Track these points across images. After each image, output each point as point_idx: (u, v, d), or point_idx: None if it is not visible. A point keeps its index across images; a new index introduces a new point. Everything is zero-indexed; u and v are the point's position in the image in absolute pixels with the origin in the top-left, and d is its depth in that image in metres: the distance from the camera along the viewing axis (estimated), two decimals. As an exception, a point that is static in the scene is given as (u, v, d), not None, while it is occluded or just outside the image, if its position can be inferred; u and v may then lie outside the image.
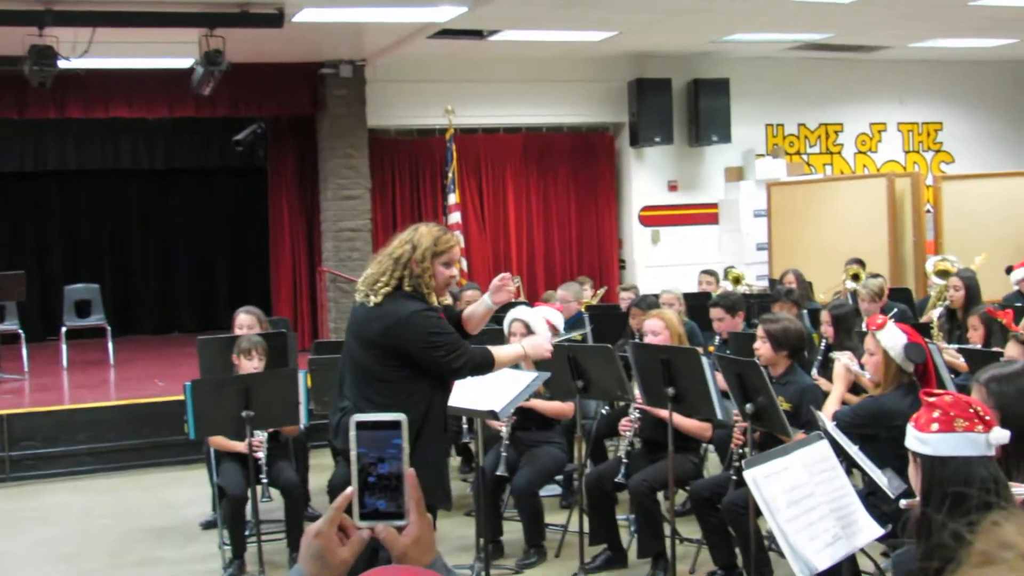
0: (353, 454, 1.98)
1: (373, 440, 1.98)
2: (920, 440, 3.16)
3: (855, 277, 10.94)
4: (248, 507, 6.83)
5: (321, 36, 12.28)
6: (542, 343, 5.62)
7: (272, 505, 7.23)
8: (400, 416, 1.99)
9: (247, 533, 7.01)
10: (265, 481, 6.88)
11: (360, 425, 1.99)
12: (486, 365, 5.26)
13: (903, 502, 3.40)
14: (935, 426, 3.13)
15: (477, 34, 13.01)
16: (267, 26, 10.75)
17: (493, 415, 5.95)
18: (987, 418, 3.16)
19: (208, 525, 8.10)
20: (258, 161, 15.24)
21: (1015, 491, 3.25)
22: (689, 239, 15.99)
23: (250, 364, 7.30)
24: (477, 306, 5.55)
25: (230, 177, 16.99)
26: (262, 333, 7.97)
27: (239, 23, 10.64)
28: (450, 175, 14.28)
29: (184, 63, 12.02)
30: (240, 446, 6.84)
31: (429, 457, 5.15)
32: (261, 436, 6.93)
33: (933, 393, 3.25)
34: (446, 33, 12.35)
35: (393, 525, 1.96)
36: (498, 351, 5.35)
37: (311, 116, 14.41)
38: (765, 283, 13.63)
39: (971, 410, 3.15)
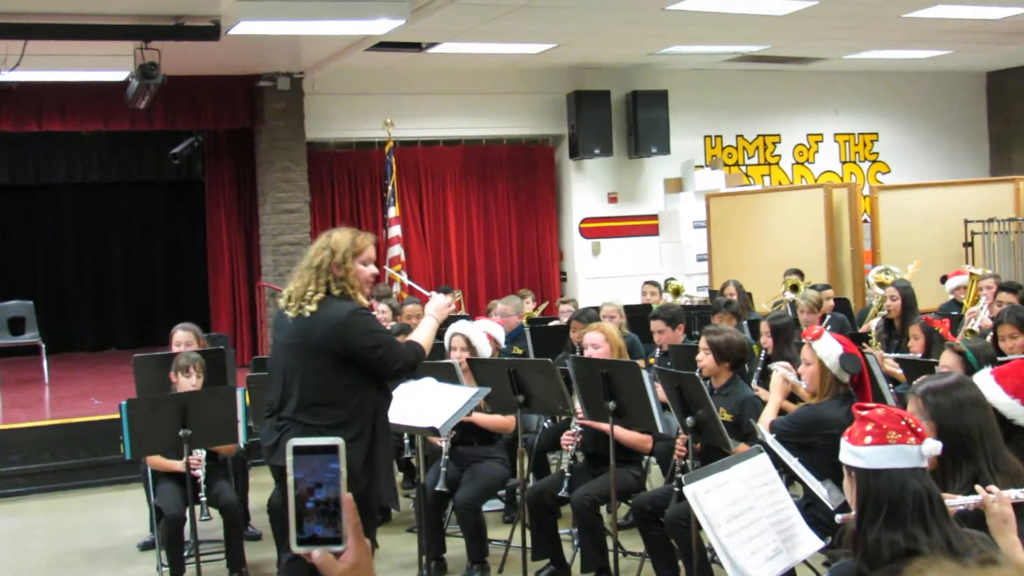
0: (290, 479, 1.95)
1: (310, 465, 1.96)
2: (854, 453, 3.17)
3: (794, 288, 11.02)
4: (186, 527, 6.75)
5: (258, 49, 12.18)
6: (441, 302, 5.75)
7: (211, 525, 7.14)
8: (337, 440, 1.98)
9: (185, 554, 6.93)
10: (204, 500, 6.80)
11: (297, 450, 1.96)
12: (420, 358, 5.37)
13: (838, 517, 3.41)
14: (868, 439, 3.15)
15: (416, 46, 12.99)
16: (203, 39, 10.64)
17: (434, 431, 5.91)
18: (919, 430, 3.18)
19: (146, 546, 7.98)
20: (195, 174, 15.12)
21: (949, 503, 3.28)
22: (630, 251, 16.04)
23: (188, 382, 7.22)
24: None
25: (167, 191, 16.82)
26: (200, 350, 7.88)
27: (174, 36, 10.52)
28: (390, 188, 14.23)
29: (119, 76, 11.88)
30: (178, 465, 6.77)
31: (382, 462, 5.25)
32: (199, 454, 6.86)
33: (865, 407, 3.27)
34: (385, 46, 12.30)
35: (331, 550, 1.95)
36: (420, 337, 5.48)
37: (249, 129, 14.29)
38: (706, 294, 13.69)
39: (903, 422, 3.17)
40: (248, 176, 14.54)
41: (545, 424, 8.13)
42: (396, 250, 14.18)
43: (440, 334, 7.77)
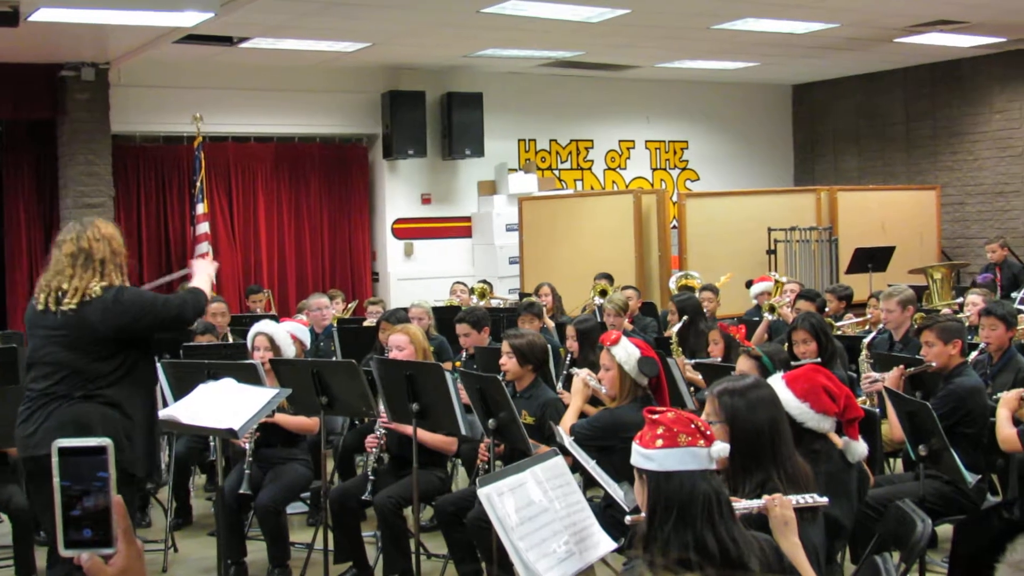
0: (56, 482, 1.87)
1: (77, 470, 1.88)
2: (645, 456, 3.21)
3: (602, 292, 11.16)
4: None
5: (61, 37, 11.77)
6: (206, 264, 6.07)
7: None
8: (105, 441, 1.90)
9: (-29, 560, 6.65)
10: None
11: (63, 451, 1.88)
12: (199, 299, 5.56)
13: (628, 518, 3.45)
14: (659, 442, 3.18)
15: (227, 40, 12.74)
16: (1, 25, 10.24)
17: (232, 433, 5.79)
18: (708, 433, 3.23)
19: (-71, 552, 7.62)
20: (-7, 166, 14.54)
21: (736, 506, 3.34)
22: (442, 252, 16.06)
23: (-26, 381, 6.92)
24: None
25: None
26: (-10, 348, 7.58)
27: (-31, 20, 10.11)
28: (198, 184, 13.93)
29: (-91, 60, 11.37)
30: (-36, 468, 6.49)
31: (156, 437, 5.51)
32: (-12, 456, 6.59)
33: (656, 410, 3.31)
34: (194, 38, 12.05)
35: (100, 553, 1.89)
36: (198, 283, 5.71)
37: (51, 120, 13.80)
38: (517, 297, 13.78)
39: (693, 426, 3.22)
40: (49, 168, 14.03)
41: (357, 423, 8.06)
42: (204, 247, 13.89)
43: (244, 333, 7.66)
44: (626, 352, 5.55)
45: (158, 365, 6.48)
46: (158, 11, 10.22)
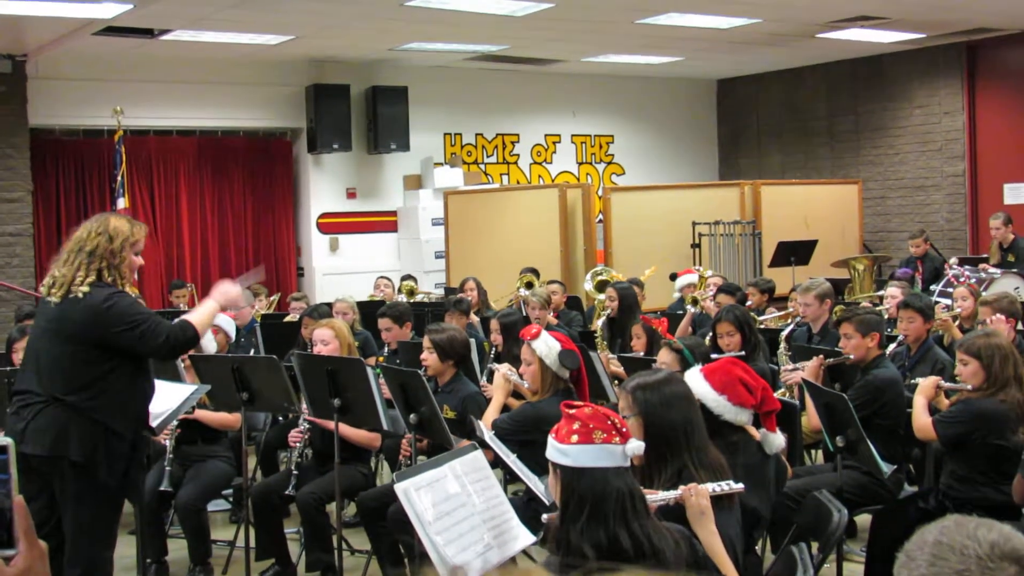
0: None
1: None
2: (560, 451, 3.21)
3: (528, 285, 11.18)
4: None
5: (-25, 28, 11.58)
6: (229, 288, 5.62)
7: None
8: (5, 441, 1.87)
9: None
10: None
11: None
12: (188, 336, 5.22)
13: (544, 516, 3.45)
14: (575, 437, 3.19)
15: (148, 33, 12.57)
16: (-87, 16, 10.05)
17: (149, 430, 5.72)
18: (624, 430, 3.24)
19: None
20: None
21: (650, 499, 3.35)
22: (368, 247, 15.98)
23: None
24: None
25: None
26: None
27: None
28: (119, 178, 13.72)
29: None
30: None
31: (141, 453, 5.27)
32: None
33: (574, 405, 3.31)
34: (115, 30, 11.87)
35: (1, 555, 1.87)
36: (195, 317, 5.34)
37: (-34, 113, 13.56)
38: (442, 291, 13.76)
39: (609, 422, 3.22)
40: (-36, 163, 13.78)
41: (280, 419, 8.00)
42: (125, 242, 13.68)
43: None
44: (546, 346, 5.57)
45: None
46: (75, 3, 10.06)
